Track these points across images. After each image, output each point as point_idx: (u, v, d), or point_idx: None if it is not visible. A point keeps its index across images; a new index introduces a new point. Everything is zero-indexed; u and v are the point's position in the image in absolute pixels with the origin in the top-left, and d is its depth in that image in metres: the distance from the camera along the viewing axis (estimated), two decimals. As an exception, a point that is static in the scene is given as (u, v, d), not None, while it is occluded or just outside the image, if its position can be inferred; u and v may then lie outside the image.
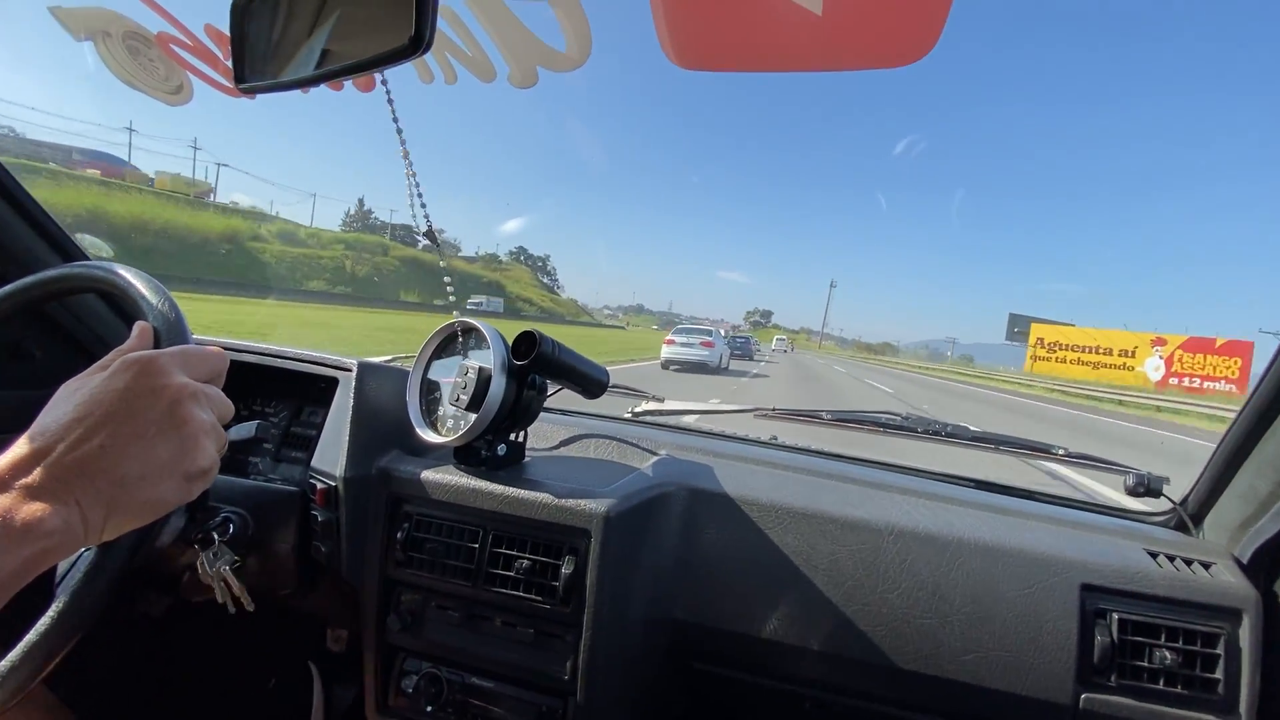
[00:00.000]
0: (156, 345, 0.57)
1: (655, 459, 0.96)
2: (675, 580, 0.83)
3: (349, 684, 1.32)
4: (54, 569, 0.67)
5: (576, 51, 0.73)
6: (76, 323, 1.16)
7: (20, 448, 0.43)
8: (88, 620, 0.54)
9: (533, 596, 0.78)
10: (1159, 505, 0.95)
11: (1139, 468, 0.93)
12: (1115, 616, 0.74)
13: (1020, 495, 0.98)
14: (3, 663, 0.52)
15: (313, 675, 1.29)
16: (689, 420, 1.26)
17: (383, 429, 0.91)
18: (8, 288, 0.72)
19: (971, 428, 1.05)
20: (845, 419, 1.08)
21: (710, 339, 17.55)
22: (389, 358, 1.43)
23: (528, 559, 0.79)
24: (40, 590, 0.52)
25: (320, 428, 1.03)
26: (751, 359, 29.68)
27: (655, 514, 0.83)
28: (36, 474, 0.41)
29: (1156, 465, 0.93)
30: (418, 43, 0.43)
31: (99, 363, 0.52)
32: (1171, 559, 0.80)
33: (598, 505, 0.77)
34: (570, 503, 0.78)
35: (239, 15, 0.55)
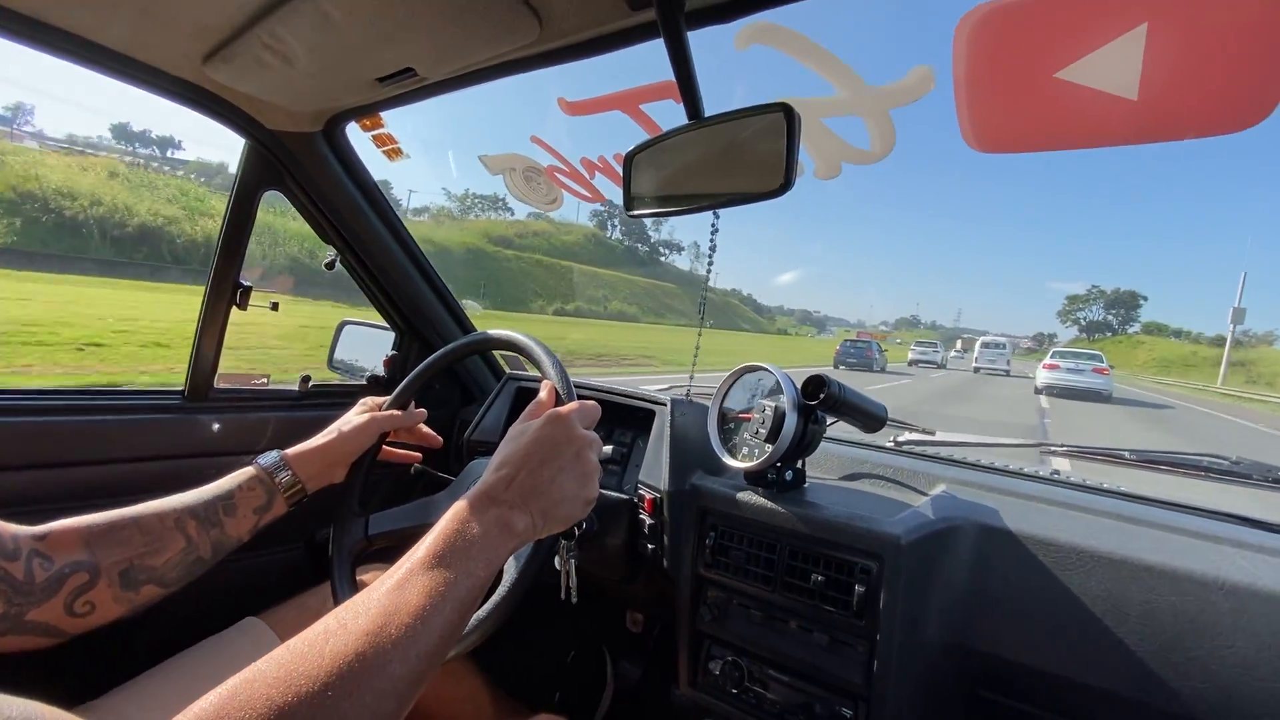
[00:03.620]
0: (557, 399, 0.81)
1: (936, 492, 1.01)
2: (968, 611, 0.88)
3: (639, 661, 1.56)
4: None
5: (881, 149, 0.83)
6: (458, 364, 1.59)
7: (496, 473, 0.65)
8: (527, 587, 0.77)
9: (827, 607, 0.90)
10: None
11: None
12: None
13: None
14: (473, 618, 0.77)
15: (604, 654, 1.56)
16: (955, 452, 1.27)
17: (691, 452, 1.11)
18: (453, 345, 1.05)
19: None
20: (1154, 460, 1.01)
21: (1104, 365, 18.00)
22: (667, 386, 1.68)
23: (821, 574, 0.91)
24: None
25: (630, 446, 1.28)
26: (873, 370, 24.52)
27: (945, 547, 0.90)
28: (510, 493, 0.63)
29: None
30: (785, 187, 0.59)
31: (529, 410, 0.76)
32: None
33: (889, 533, 0.86)
34: (862, 528, 0.88)
35: (629, 161, 0.77)
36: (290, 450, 0.89)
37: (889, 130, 0.80)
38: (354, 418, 0.96)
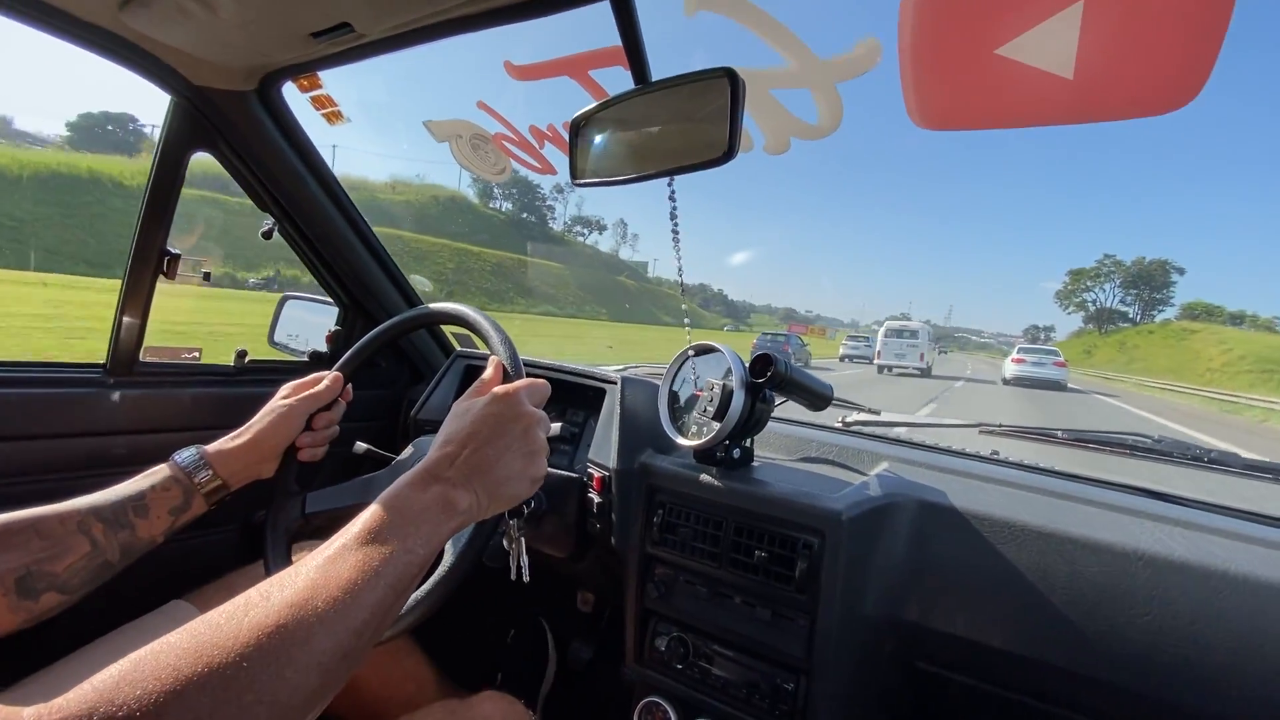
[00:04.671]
0: (505, 375, 0.78)
1: (878, 471, 1.03)
2: (906, 585, 0.90)
3: (590, 641, 1.56)
4: None
5: (829, 123, 0.82)
6: (406, 341, 1.54)
7: (440, 450, 0.63)
8: (467, 569, 0.75)
9: (771, 582, 0.91)
10: None
11: None
12: None
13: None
14: (411, 598, 0.74)
15: (545, 631, 1.56)
16: (902, 432, 1.30)
17: (641, 431, 1.11)
18: (396, 319, 1.01)
19: (1242, 454, 0.95)
20: (1084, 439, 1.05)
21: (1061, 359, 21.39)
22: (621, 367, 1.67)
23: (765, 550, 0.92)
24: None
25: (582, 425, 1.27)
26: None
27: (885, 522, 0.91)
28: (453, 471, 0.61)
29: None
30: (730, 154, 0.58)
31: (475, 387, 0.73)
32: None
33: (831, 509, 0.87)
34: (805, 504, 0.89)
35: (575, 129, 0.75)
36: (211, 446, 0.84)
37: (836, 104, 0.80)
38: (277, 404, 0.91)
